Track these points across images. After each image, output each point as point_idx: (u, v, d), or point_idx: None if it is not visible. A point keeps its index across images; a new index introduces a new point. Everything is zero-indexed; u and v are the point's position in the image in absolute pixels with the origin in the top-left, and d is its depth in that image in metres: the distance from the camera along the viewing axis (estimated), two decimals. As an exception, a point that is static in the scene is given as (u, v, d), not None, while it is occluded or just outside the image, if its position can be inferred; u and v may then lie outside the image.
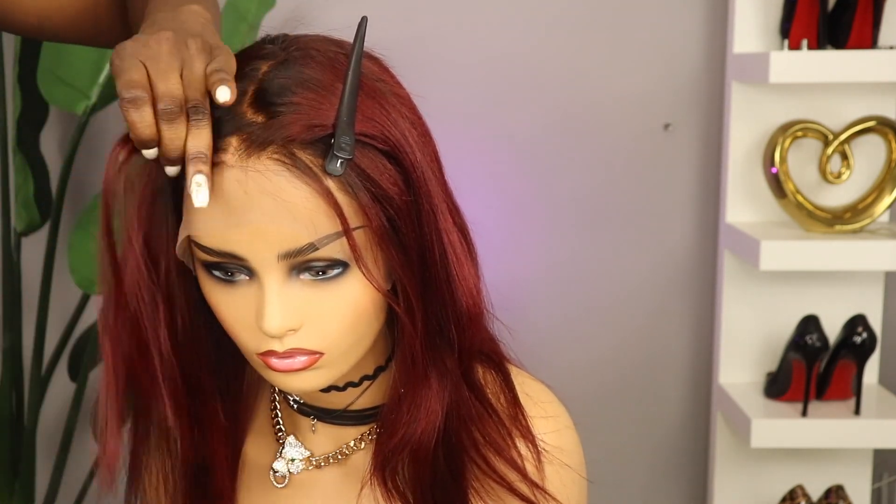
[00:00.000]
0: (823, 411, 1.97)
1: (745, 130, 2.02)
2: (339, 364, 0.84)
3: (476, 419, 0.88)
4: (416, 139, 0.82)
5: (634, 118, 2.14)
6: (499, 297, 0.92)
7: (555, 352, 2.20)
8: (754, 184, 2.03)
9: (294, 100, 0.77)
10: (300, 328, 0.80)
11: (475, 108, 2.12)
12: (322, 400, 0.91)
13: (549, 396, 0.93)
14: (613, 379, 2.23)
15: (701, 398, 2.24)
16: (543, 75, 2.12)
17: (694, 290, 2.20)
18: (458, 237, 0.86)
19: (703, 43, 2.11)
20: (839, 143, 1.95)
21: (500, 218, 2.14)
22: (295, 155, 0.77)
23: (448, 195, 0.86)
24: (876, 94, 2.00)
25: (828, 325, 1.97)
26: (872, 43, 1.90)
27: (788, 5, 1.92)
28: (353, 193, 0.78)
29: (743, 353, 2.10)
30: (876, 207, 1.98)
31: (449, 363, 0.86)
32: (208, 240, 0.79)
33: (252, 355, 0.83)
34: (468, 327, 0.86)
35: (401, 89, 0.84)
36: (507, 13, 2.11)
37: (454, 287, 0.85)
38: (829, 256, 1.90)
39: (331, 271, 0.79)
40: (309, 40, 0.83)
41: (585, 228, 2.18)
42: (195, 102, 0.75)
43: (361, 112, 0.78)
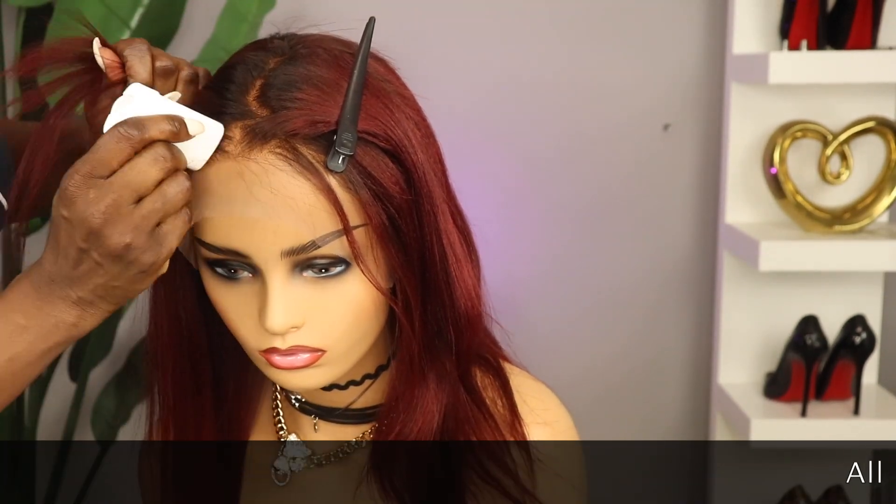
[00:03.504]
0: (823, 411, 1.97)
1: (744, 131, 2.02)
2: (341, 362, 0.84)
3: (472, 422, 0.88)
4: (420, 140, 0.82)
5: (634, 119, 2.14)
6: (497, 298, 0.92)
7: (554, 352, 2.20)
8: (754, 184, 2.03)
9: (299, 95, 0.78)
10: (303, 325, 0.81)
11: (475, 109, 2.12)
12: (324, 398, 0.92)
13: (548, 401, 0.93)
14: (613, 379, 2.23)
15: (700, 398, 2.24)
16: (543, 76, 2.12)
17: (693, 290, 2.20)
18: (459, 239, 0.86)
19: (702, 43, 2.11)
20: (838, 143, 1.95)
21: (499, 218, 2.14)
22: (297, 150, 0.77)
23: (450, 197, 0.87)
24: (875, 95, 2.00)
25: (827, 325, 1.98)
26: (872, 43, 1.90)
27: (788, 6, 1.92)
28: (355, 191, 0.78)
29: (742, 353, 2.10)
30: (875, 208, 1.98)
31: (447, 365, 0.86)
32: (211, 236, 0.79)
33: (254, 353, 0.83)
34: (466, 329, 0.87)
35: (406, 90, 0.85)
36: (507, 15, 2.11)
37: (453, 289, 0.85)
38: (828, 257, 1.90)
39: (333, 269, 0.79)
40: (317, 39, 0.84)
41: (585, 229, 2.18)
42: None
43: (365, 110, 0.79)
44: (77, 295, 0.78)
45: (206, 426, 0.92)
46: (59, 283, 0.78)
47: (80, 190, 0.74)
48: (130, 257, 0.76)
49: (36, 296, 0.79)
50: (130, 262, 0.76)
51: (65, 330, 0.79)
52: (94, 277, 0.77)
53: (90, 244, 0.75)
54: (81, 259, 0.76)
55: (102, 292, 0.78)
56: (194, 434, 0.93)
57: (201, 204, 0.79)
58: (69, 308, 0.78)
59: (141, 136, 0.75)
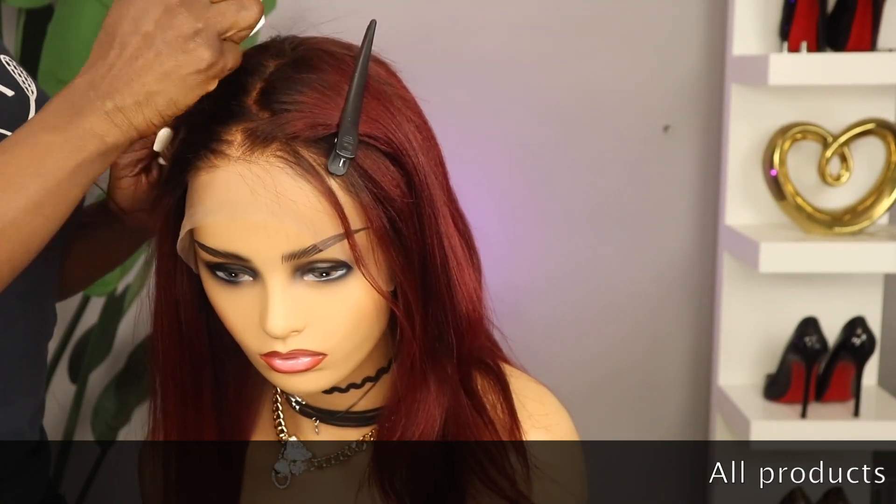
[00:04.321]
0: (823, 413, 1.97)
1: (744, 132, 2.02)
2: (342, 366, 0.84)
3: (472, 426, 0.88)
4: (420, 143, 0.82)
5: (634, 120, 2.14)
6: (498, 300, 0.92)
7: (554, 353, 2.20)
8: (754, 186, 2.03)
9: (300, 98, 0.78)
10: (304, 329, 0.80)
11: (474, 110, 2.12)
12: (324, 401, 0.92)
13: (548, 404, 0.92)
14: (613, 380, 2.23)
15: (700, 399, 2.24)
16: (542, 77, 2.12)
17: (693, 292, 2.20)
18: (460, 242, 0.86)
19: (702, 45, 2.11)
20: (838, 145, 1.95)
21: (499, 219, 2.14)
22: (298, 153, 0.77)
23: (451, 200, 0.87)
24: (875, 97, 2.00)
25: (827, 326, 1.98)
26: (871, 45, 1.90)
27: (788, 7, 1.92)
28: (355, 193, 0.78)
29: (742, 354, 2.10)
30: (875, 210, 1.98)
31: (448, 369, 0.86)
32: (212, 240, 0.79)
33: (255, 356, 0.83)
34: (467, 332, 0.87)
35: (407, 93, 0.85)
36: (507, 15, 2.11)
37: (454, 292, 0.85)
38: (828, 258, 1.90)
39: (334, 273, 0.79)
40: (317, 41, 0.84)
41: (585, 231, 2.18)
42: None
43: (366, 113, 0.79)
44: (112, 104, 0.77)
45: (206, 429, 0.92)
46: (98, 91, 0.77)
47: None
48: (194, 46, 0.76)
49: (69, 108, 0.78)
50: (191, 53, 0.76)
51: (93, 143, 0.78)
52: (147, 73, 0.76)
53: (160, 26, 0.76)
54: (141, 48, 0.76)
55: (144, 97, 0.77)
56: (195, 436, 0.93)
57: (202, 207, 0.79)
58: (100, 120, 0.77)
59: None
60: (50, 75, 1.92)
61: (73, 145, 0.78)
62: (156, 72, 0.77)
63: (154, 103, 0.77)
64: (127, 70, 0.77)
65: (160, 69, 0.77)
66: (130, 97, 0.77)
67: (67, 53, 1.91)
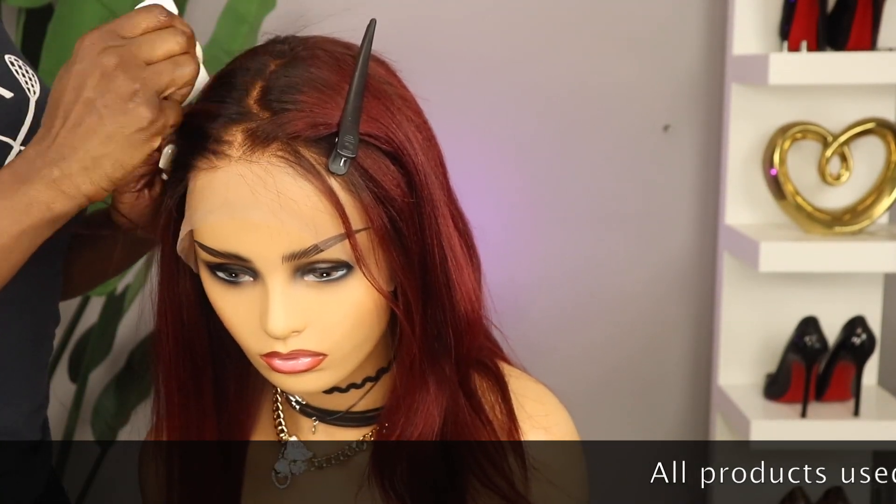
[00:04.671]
0: (823, 412, 1.97)
1: (744, 132, 2.02)
2: (343, 366, 0.84)
3: (471, 427, 0.88)
4: (421, 143, 0.82)
5: (634, 119, 2.14)
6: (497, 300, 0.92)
7: (553, 353, 2.20)
8: (754, 185, 2.03)
9: (300, 98, 0.78)
10: (304, 329, 0.80)
11: (474, 110, 2.12)
12: (324, 401, 0.92)
13: (547, 404, 0.92)
14: (613, 379, 2.23)
15: (700, 399, 2.24)
16: (542, 77, 2.12)
17: (693, 291, 2.20)
18: (460, 242, 0.86)
19: (702, 44, 2.11)
20: (838, 144, 1.95)
21: (499, 219, 2.15)
22: (299, 152, 0.77)
23: (451, 200, 0.87)
24: (875, 96, 2.00)
25: (827, 326, 1.98)
26: (871, 45, 1.90)
27: (788, 7, 1.92)
28: (356, 193, 0.78)
29: (742, 354, 2.10)
30: (875, 209, 1.98)
31: (447, 369, 0.86)
32: (212, 240, 0.79)
33: (255, 357, 0.83)
34: (466, 332, 0.86)
35: (407, 92, 0.85)
36: (507, 15, 2.11)
37: (454, 292, 0.85)
38: (828, 258, 1.90)
39: (335, 273, 0.79)
40: (317, 41, 0.84)
41: (584, 230, 2.18)
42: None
43: (366, 112, 0.79)
44: (59, 171, 0.78)
45: (207, 429, 0.92)
46: (44, 159, 0.78)
47: (99, 41, 0.78)
48: (133, 106, 0.77)
49: (13, 178, 0.79)
50: (131, 113, 0.77)
51: (38, 211, 0.79)
52: (91, 138, 0.77)
53: (99, 91, 0.77)
54: (83, 114, 0.77)
55: (90, 162, 0.77)
56: (196, 436, 0.93)
57: (202, 207, 0.79)
58: (46, 188, 0.78)
59: (170, 21, 0.80)
60: (50, 75, 1.92)
61: (19, 212, 0.78)
62: (99, 135, 0.77)
63: (101, 167, 0.78)
64: (71, 137, 0.77)
65: (103, 132, 0.77)
66: (77, 163, 0.78)
67: (67, 53, 1.90)
